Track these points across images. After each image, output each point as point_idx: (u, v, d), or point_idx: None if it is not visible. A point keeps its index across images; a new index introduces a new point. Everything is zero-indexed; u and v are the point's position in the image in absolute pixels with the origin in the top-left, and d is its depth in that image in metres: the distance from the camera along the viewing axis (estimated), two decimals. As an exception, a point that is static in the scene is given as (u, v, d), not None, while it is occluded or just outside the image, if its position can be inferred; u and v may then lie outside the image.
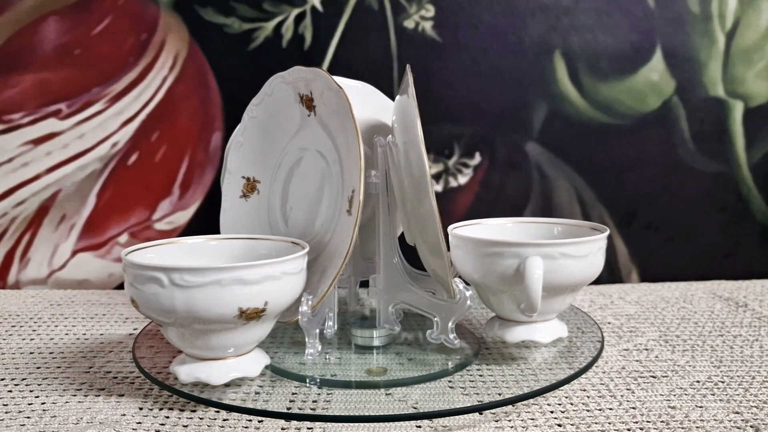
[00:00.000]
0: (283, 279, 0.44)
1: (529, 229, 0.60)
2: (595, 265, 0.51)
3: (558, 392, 0.48)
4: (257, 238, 0.54)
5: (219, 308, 0.42)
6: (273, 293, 0.44)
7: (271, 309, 0.44)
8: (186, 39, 0.80)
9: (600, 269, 0.52)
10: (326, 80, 0.52)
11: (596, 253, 0.51)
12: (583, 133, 0.82)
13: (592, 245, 0.50)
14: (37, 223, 0.82)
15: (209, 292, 0.41)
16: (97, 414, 0.45)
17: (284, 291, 0.45)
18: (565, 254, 0.48)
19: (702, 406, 0.45)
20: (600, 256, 0.51)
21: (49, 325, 0.66)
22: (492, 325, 0.55)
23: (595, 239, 0.50)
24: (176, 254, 0.51)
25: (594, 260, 0.50)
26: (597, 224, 0.55)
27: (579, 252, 0.49)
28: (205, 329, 0.44)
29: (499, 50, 0.80)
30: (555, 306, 0.52)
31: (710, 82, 0.82)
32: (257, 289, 0.43)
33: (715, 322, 0.65)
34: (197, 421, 0.44)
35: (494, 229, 0.60)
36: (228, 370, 0.46)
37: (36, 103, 0.80)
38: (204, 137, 0.81)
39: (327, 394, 0.47)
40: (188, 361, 0.47)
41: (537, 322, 0.53)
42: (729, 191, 0.83)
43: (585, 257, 0.49)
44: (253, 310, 0.43)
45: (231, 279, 0.42)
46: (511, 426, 0.43)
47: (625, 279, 0.84)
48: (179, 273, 0.42)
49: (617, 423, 0.43)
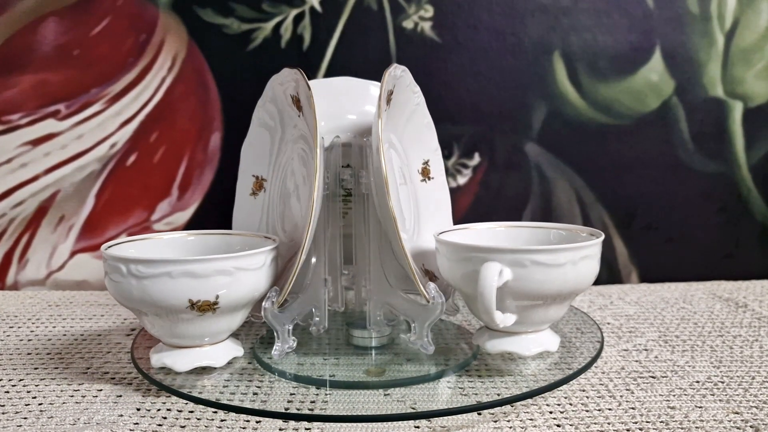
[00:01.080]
0: (236, 274, 0.45)
1: (522, 234, 0.57)
2: (582, 275, 0.47)
3: (557, 392, 0.48)
4: (233, 233, 0.56)
5: (170, 299, 0.44)
6: (225, 287, 0.45)
7: (226, 303, 0.46)
8: (185, 39, 0.80)
9: (589, 278, 0.48)
10: (302, 81, 0.51)
11: (579, 262, 0.46)
12: (583, 133, 0.82)
13: (570, 253, 0.46)
14: (35, 224, 0.81)
15: (160, 283, 0.44)
16: (94, 414, 0.45)
17: (238, 286, 0.46)
18: (537, 262, 0.45)
19: (701, 406, 0.45)
20: (587, 265, 0.47)
21: (47, 326, 0.65)
22: (480, 335, 0.52)
23: (571, 248, 0.46)
24: (154, 248, 0.53)
25: (578, 269, 0.47)
26: (594, 230, 0.52)
27: (553, 260, 0.45)
28: (169, 318, 0.46)
29: (498, 51, 0.80)
30: (538, 316, 0.49)
31: (710, 82, 0.81)
32: (208, 283, 0.44)
33: (714, 322, 0.65)
34: (194, 422, 0.44)
35: (484, 234, 0.57)
36: (194, 359, 0.48)
37: (35, 103, 0.80)
38: (203, 138, 0.81)
39: (325, 394, 0.46)
40: (163, 348, 0.49)
41: (526, 332, 0.50)
42: (728, 192, 0.83)
43: (561, 266, 0.46)
44: (204, 302, 0.45)
45: (180, 272, 0.44)
46: (509, 426, 0.43)
47: (625, 279, 0.84)
48: (134, 264, 0.44)
49: (616, 423, 0.43)
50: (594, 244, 0.48)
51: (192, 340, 0.48)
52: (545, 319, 0.50)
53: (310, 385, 0.48)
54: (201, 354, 0.48)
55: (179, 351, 0.48)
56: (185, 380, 0.49)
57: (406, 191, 0.58)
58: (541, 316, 0.49)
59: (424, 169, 0.60)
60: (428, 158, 0.60)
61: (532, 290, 0.46)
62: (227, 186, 0.81)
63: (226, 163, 0.81)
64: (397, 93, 0.54)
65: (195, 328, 0.47)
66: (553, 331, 0.52)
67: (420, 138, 0.59)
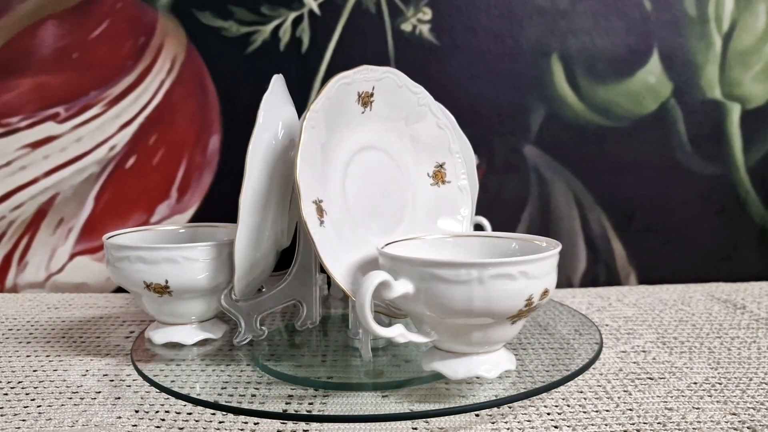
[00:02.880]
0: (183, 263, 0.52)
1: (476, 245, 0.52)
2: (496, 295, 0.41)
3: (555, 394, 0.48)
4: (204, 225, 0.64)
5: (129, 280, 0.53)
6: (173, 274, 0.52)
7: (176, 287, 0.53)
8: (184, 42, 0.80)
9: (508, 299, 0.42)
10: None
11: (489, 281, 0.41)
12: (581, 135, 0.82)
13: (476, 271, 0.41)
14: (34, 227, 0.82)
15: (121, 265, 0.53)
16: (92, 417, 0.45)
17: (185, 273, 0.52)
18: (438, 277, 0.41)
19: (699, 407, 0.45)
20: (503, 285, 0.41)
21: (45, 328, 0.65)
22: (430, 357, 0.47)
23: (477, 264, 0.41)
24: (150, 239, 0.61)
25: (488, 288, 0.41)
26: (553, 241, 0.48)
27: (455, 276, 0.41)
28: (144, 298, 0.55)
29: (496, 53, 0.81)
30: (476, 336, 0.44)
31: (707, 84, 0.82)
32: (158, 268, 0.52)
33: (713, 324, 0.65)
34: (193, 423, 0.44)
35: (430, 246, 0.52)
36: (196, 333, 0.56)
37: (34, 106, 0.80)
38: (202, 140, 0.81)
39: (323, 396, 0.47)
40: (161, 326, 0.56)
41: (476, 353, 0.46)
42: (727, 193, 0.83)
43: (465, 283, 0.41)
44: (156, 284, 0.53)
45: (135, 257, 0.53)
46: (507, 427, 0.43)
47: (623, 281, 0.84)
48: (109, 249, 0.55)
49: (614, 425, 0.43)
50: (513, 263, 0.42)
51: (174, 319, 0.56)
52: (485, 340, 0.45)
53: (308, 387, 0.48)
54: (200, 328, 0.57)
55: (180, 328, 0.56)
56: (185, 381, 0.49)
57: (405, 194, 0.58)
58: (478, 336, 0.44)
59: (436, 172, 0.58)
60: (443, 161, 0.58)
61: (436, 306, 0.42)
62: (226, 188, 0.81)
63: (225, 165, 0.81)
64: (383, 95, 0.54)
65: (168, 308, 0.55)
66: (508, 353, 0.48)
67: (432, 140, 0.58)
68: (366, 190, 0.55)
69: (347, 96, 0.52)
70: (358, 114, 0.53)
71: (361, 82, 0.52)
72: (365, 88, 0.53)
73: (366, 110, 0.54)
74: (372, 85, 0.53)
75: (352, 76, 0.51)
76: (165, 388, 0.46)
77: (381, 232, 0.54)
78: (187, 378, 0.50)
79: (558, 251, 0.46)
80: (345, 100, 0.52)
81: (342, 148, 0.54)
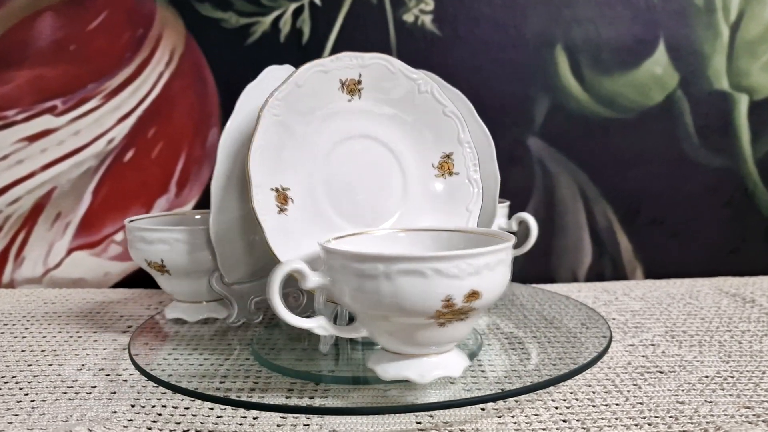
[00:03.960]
0: (174, 244, 0.56)
1: (427, 240, 0.49)
2: (403, 292, 0.39)
3: (562, 388, 0.46)
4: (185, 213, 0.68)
5: (137, 259, 0.59)
6: (166, 254, 0.56)
7: (170, 266, 0.57)
8: (182, 34, 0.79)
9: (418, 297, 0.39)
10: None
11: (398, 277, 0.38)
12: (586, 127, 0.80)
13: (383, 265, 0.38)
14: (32, 222, 0.80)
15: (131, 246, 0.59)
16: (87, 411, 0.44)
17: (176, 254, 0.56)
18: (349, 270, 0.40)
19: (711, 401, 0.44)
20: (412, 282, 0.39)
21: (42, 323, 0.64)
22: (374, 355, 0.45)
23: (381, 257, 0.39)
24: (168, 222, 0.64)
25: (397, 285, 0.39)
26: (505, 234, 0.45)
27: (364, 271, 0.39)
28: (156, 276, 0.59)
29: (499, 44, 0.79)
30: (409, 337, 0.42)
31: (714, 75, 0.80)
32: (153, 248, 0.57)
33: (722, 317, 0.64)
34: (190, 418, 0.42)
35: (381, 240, 0.49)
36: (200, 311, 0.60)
37: (31, 99, 0.79)
38: (201, 133, 0.80)
39: (324, 390, 0.45)
40: (175, 304, 0.61)
41: (418, 356, 0.43)
42: (734, 186, 0.82)
43: (374, 278, 0.39)
44: (154, 263, 0.57)
45: (138, 238, 0.58)
46: (514, 422, 0.41)
47: (629, 275, 0.82)
48: (127, 231, 0.60)
49: (624, 418, 0.42)
50: (423, 259, 0.39)
51: (184, 297, 0.60)
52: (416, 342, 0.42)
53: (308, 381, 0.47)
54: (181, 308, 0.60)
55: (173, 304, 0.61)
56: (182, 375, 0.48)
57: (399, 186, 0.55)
58: (403, 336, 0.42)
59: (442, 163, 0.55)
60: (450, 151, 0.55)
61: (349, 299, 0.41)
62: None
63: (225, 158, 0.80)
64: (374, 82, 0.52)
65: (173, 287, 0.60)
66: (458, 358, 0.44)
67: (437, 128, 0.55)
68: (351, 180, 0.53)
69: (326, 84, 0.51)
70: (343, 102, 0.52)
71: (342, 69, 0.51)
72: (349, 76, 0.51)
73: (354, 98, 0.53)
74: (358, 72, 0.52)
75: (329, 64, 0.50)
76: (162, 381, 0.45)
77: (365, 224, 0.52)
78: (185, 372, 0.49)
79: (495, 249, 0.41)
80: (323, 88, 0.51)
81: (323, 137, 0.52)
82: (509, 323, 0.61)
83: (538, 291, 0.71)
